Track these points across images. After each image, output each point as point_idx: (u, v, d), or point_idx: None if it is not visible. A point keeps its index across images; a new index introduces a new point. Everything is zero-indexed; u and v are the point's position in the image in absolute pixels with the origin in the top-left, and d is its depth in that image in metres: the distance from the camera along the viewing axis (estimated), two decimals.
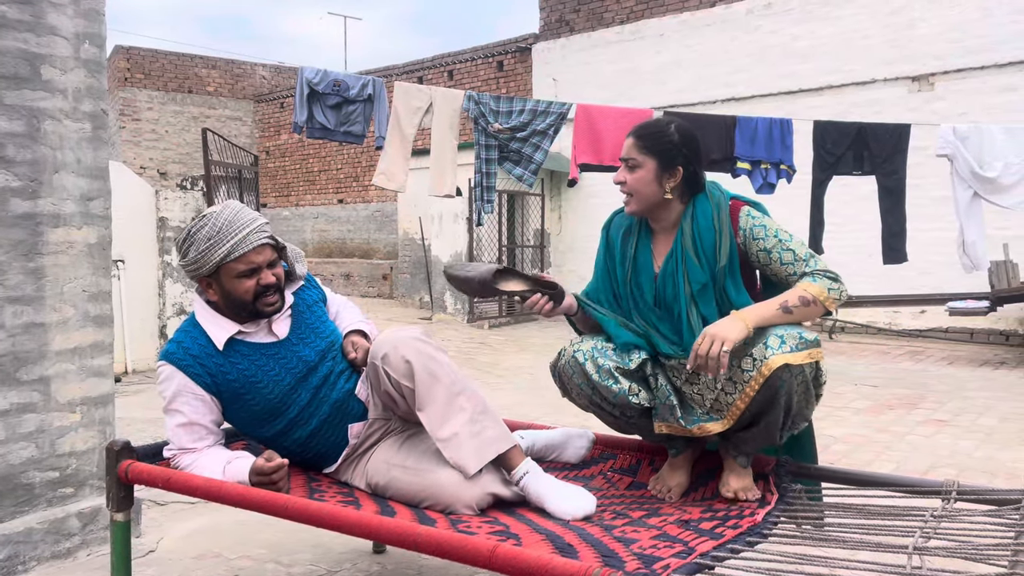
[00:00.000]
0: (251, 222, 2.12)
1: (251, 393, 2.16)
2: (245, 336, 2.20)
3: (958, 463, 4.12)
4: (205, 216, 2.13)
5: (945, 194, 8.45)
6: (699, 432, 2.11)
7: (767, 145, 5.86)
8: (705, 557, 1.65)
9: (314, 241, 17.99)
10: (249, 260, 2.09)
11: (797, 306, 2.04)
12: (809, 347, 1.98)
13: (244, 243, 2.08)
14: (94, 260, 2.96)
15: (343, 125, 5.84)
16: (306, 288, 2.39)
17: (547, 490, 1.98)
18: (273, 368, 2.18)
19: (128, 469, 2.08)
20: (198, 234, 2.10)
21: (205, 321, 2.18)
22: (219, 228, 2.08)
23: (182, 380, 2.13)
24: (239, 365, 2.15)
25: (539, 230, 12.60)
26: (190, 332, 2.19)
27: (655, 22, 11.68)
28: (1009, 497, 1.94)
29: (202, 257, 2.10)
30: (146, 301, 6.97)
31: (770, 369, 1.96)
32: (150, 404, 5.56)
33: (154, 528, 3.13)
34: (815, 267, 2.09)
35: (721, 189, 2.25)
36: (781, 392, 1.98)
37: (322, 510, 1.76)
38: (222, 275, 2.11)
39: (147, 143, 17.92)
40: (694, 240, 2.17)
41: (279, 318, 2.25)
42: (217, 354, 2.14)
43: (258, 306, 2.13)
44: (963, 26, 9.16)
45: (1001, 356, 8.19)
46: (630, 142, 2.22)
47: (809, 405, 2.07)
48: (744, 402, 2.03)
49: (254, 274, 2.11)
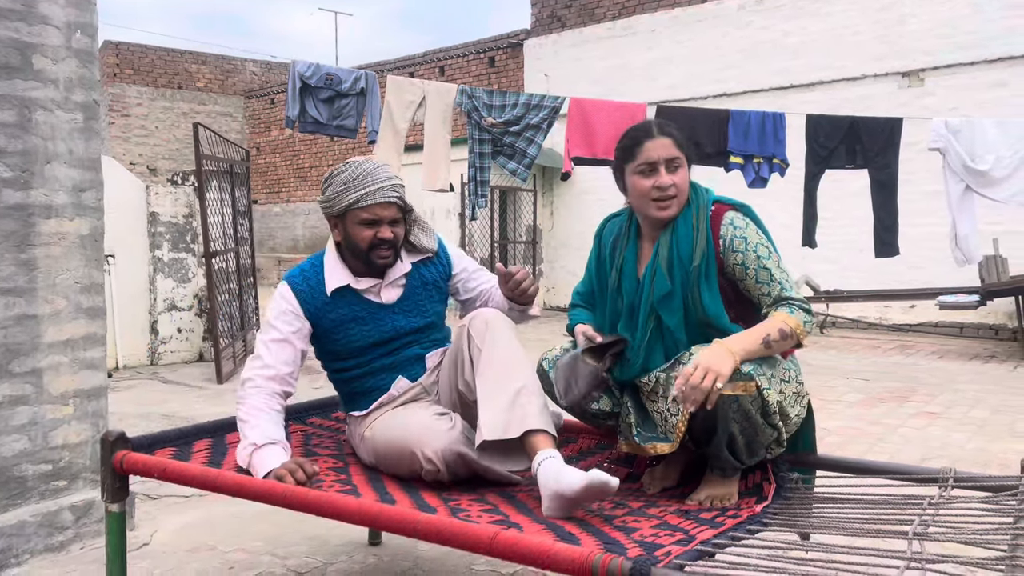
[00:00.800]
0: (385, 179, 2.27)
1: (339, 335, 2.33)
2: (355, 288, 2.33)
3: (950, 455, 4.14)
4: (349, 163, 2.31)
5: (935, 189, 8.49)
6: (652, 451, 2.09)
7: (760, 139, 5.87)
8: (706, 544, 1.64)
9: (305, 237, 17.93)
10: (373, 211, 2.24)
11: (776, 340, 1.98)
12: (741, 379, 1.92)
13: (373, 195, 2.23)
14: (86, 252, 2.94)
15: (336, 119, 5.81)
16: (431, 263, 2.46)
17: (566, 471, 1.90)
18: (367, 326, 2.33)
19: (123, 460, 2.06)
20: (338, 177, 2.28)
21: (328, 263, 2.35)
22: (356, 176, 2.25)
23: (292, 301, 2.30)
24: (340, 311, 2.31)
25: (531, 226, 12.60)
26: (315, 265, 2.36)
27: (646, 18, 11.68)
28: (1006, 484, 1.95)
29: (335, 198, 2.27)
30: (136, 297, 6.93)
31: None
32: (142, 399, 5.54)
33: (148, 521, 3.11)
34: (790, 294, 2.04)
35: (702, 191, 2.19)
36: (718, 420, 1.95)
37: (320, 498, 1.74)
38: (348, 219, 2.27)
39: (136, 139, 17.81)
40: (671, 247, 2.12)
41: (390, 285, 2.36)
42: (324, 295, 2.31)
43: (371, 256, 2.28)
44: (953, 22, 9.20)
45: (991, 350, 8.24)
46: (667, 142, 2.11)
47: (760, 435, 2.00)
48: (683, 423, 2.00)
49: (374, 225, 2.25)
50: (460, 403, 2.30)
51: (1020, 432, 4.70)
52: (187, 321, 7.23)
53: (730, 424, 1.96)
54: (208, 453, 2.24)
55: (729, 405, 1.94)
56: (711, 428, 1.99)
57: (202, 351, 7.28)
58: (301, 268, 2.38)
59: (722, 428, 1.97)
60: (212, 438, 2.36)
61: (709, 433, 2.00)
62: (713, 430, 1.99)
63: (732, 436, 1.98)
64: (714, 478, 2.09)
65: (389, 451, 2.19)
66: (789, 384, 2.03)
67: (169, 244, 7.11)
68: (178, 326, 7.18)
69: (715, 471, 2.08)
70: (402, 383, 2.35)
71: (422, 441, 2.09)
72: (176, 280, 7.15)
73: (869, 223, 6.39)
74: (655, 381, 2.12)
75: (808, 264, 8.82)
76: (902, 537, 1.66)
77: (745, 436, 1.99)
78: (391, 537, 2.88)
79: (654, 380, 2.12)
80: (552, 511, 1.88)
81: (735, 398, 1.93)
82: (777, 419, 2.00)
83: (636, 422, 2.15)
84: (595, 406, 2.20)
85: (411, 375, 2.37)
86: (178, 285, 7.17)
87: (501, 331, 2.20)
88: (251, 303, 7.80)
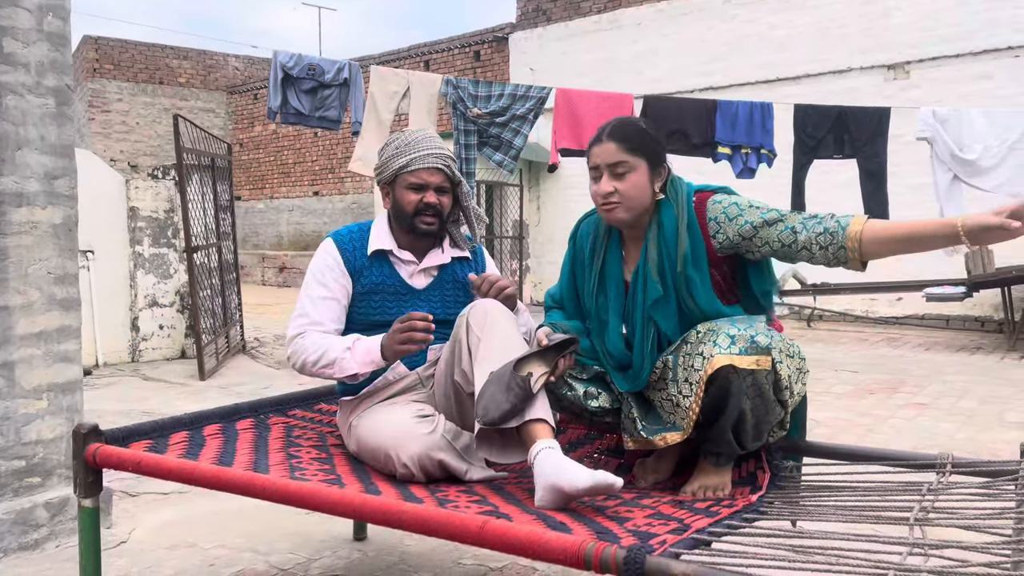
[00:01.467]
0: (435, 148, 2.32)
1: (363, 304, 2.33)
2: (394, 260, 2.36)
3: (940, 444, 4.11)
4: (403, 131, 2.39)
5: (921, 181, 8.51)
6: (661, 443, 2.02)
7: (748, 130, 5.84)
8: (702, 533, 1.59)
9: (289, 234, 17.79)
10: (420, 176, 2.29)
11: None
12: (758, 353, 1.86)
13: (421, 160, 2.29)
14: (60, 241, 2.85)
15: (318, 110, 5.73)
16: (468, 265, 2.46)
17: (568, 464, 1.84)
18: (391, 302, 2.33)
19: (96, 453, 1.98)
20: (391, 144, 2.35)
21: (375, 228, 2.40)
22: (407, 142, 2.31)
23: (337, 257, 2.33)
24: (374, 277, 2.34)
25: (518, 221, 12.54)
26: (362, 229, 2.41)
27: (632, 11, 11.64)
28: (1005, 468, 1.91)
29: (387, 163, 2.33)
30: (117, 292, 6.82)
31: (713, 368, 1.87)
32: (122, 396, 5.44)
33: (126, 519, 3.03)
34: (816, 213, 2.01)
35: (682, 186, 2.13)
36: (730, 394, 1.88)
37: (303, 489, 1.67)
38: (397, 183, 2.32)
39: (117, 135, 17.61)
40: (659, 247, 2.06)
41: (424, 272, 2.37)
42: (365, 257, 2.35)
43: (415, 221, 2.30)
44: (937, 14, 9.22)
45: (977, 341, 8.26)
46: (611, 147, 2.05)
47: (769, 413, 1.95)
48: (697, 404, 1.93)
49: (421, 190, 2.29)
50: (455, 394, 2.25)
51: (1009, 421, 4.68)
52: (169, 317, 7.12)
53: (742, 400, 1.89)
54: (185, 446, 2.17)
55: (743, 379, 1.87)
56: (721, 406, 1.92)
57: (184, 348, 7.17)
58: (348, 228, 2.43)
59: (733, 405, 1.90)
60: (189, 431, 2.28)
61: (718, 412, 1.94)
62: (723, 408, 1.92)
63: (742, 414, 1.92)
64: (707, 467, 2.03)
65: (369, 449, 2.17)
66: (794, 359, 1.98)
67: (150, 239, 6.99)
68: (160, 323, 7.07)
69: (708, 459, 2.02)
70: (399, 368, 2.31)
71: (398, 444, 2.06)
72: (157, 276, 7.04)
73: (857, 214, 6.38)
74: (662, 367, 2.06)
75: None
76: (903, 523, 1.62)
77: (755, 415, 1.93)
78: (376, 532, 2.81)
79: (661, 366, 2.06)
80: (546, 503, 1.82)
81: (750, 372, 1.87)
82: (787, 395, 1.95)
83: (640, 416, 2.08)
84: (594, 403, 2.12)
85: (411, 362, 2.32)
86: (159, 281, 7.06)
87: (501, 321, 2.15)
88: (234, 299, 7.69)
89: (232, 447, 2.20)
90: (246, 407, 2.51)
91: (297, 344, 2.26)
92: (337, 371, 2.21)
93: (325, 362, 2.21)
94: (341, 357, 2.20)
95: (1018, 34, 8.73)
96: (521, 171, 12.41)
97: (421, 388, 2.33)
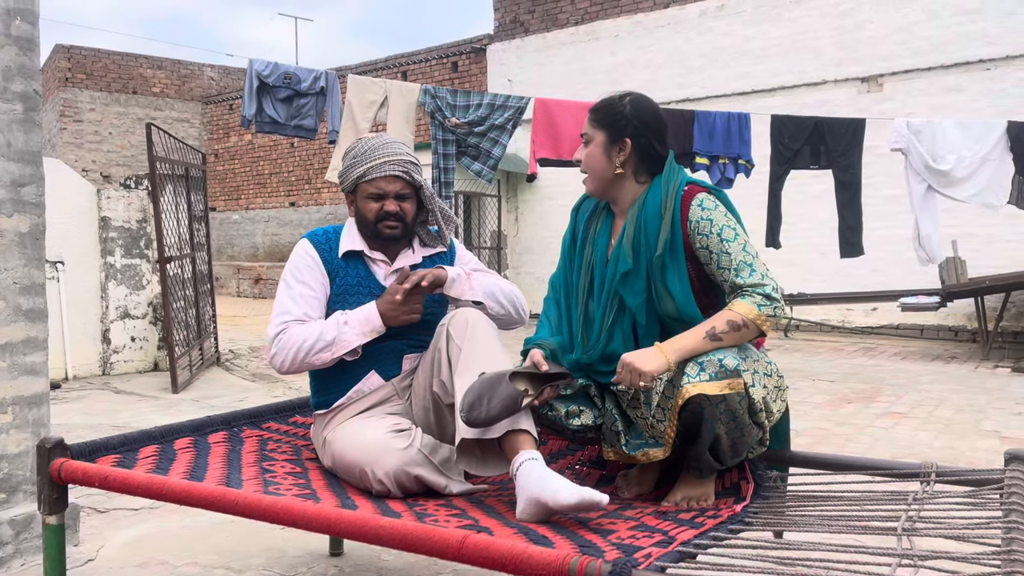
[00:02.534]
0: (392, 154, 2.29)
1: (339, 305, 2.28)
2: (368, 262, 2.34)
3: (918, 453, 4.12)
4: (362, 138, 2.37)
5: (894, 193, 8.60)
6: (643, 458, 2.01)
7: (725, 140, 5.86)
8: (687, 545, 1.56)
9: (265, 245, 17.62)
10: (378, 185, 2.28)
11: (726, 331, 1.89)
12: (728, 376, 1.84)
13: (377, 169, 2.27)
14: (26, 250, 2.77)
15: (294, 119, 5.67)
16: (441, 260, 2.42)
17: (552, 477, 1.79)
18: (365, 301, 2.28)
19: (61, 468, 1.91)
20: (350, 152, 2.34)
21: (346, 230, 2.38)
22: (364, 151, 2.30)
23: (315, 255, 2.31)
24: (348, 278, 2.31)
25: (496, 232, 12.52)
26: (337, 230, 2.40)
27: (609, 23, 11.70)
28: (990, 477, 1.89)
29: (347, 171, 2.32)
30: (87, 304, 6.69)
31: (683, 398, 1.85)
32: (91, 410, 5.32)
33: (94, 536, 2.94)
34: (749, 280, 1.93)
35: (678, 173, 2.12)
36: (703, 420, 1.87)
37: (277, 504, 1.62)
38: (358, 192, 2.31)
39: (89, 145, 17.37)
40: (637, 227, 2.05)
41: (395, 274, 2.33)
42: (337, 259, 2.33)
43: (379, 227, 2.29)
44: (909, 28, 9.34)
45: (951, 351, 8.33)
46: (586, 118, 2.16)
47: (745, 435, 1.93)
48: (672, 429, 1.93)
49: (381, 199, 2.28)
50: (434, 405, 2.21)
51: (986, 430, 4.71)
52: (141, 329, 7.00)
53: (716, 426, 1.88)
54: (155, 460, 2.10)
55: (716, 406, 1.85)
56: (695, 431, 1.90)
57: (157, 360, 7.05)
58: (323, 230, 2.40)
59: (707, 430, 1.88)
60: (160, 444, 2.21)
61: (693, 436, 1.92)
62: (697, 433, 1.90)
63: (717, 437, 1.90)
64: (690, 479, 2.00)
65: (344, 465, 2.11)
66: (771, 378, 1.96)
67: (122, 250, 6.88)
68: (131, 335, 6.94)
69: (691, 471, 2.00)
70: (374, 379, 2.26)
71: (373, 460, 2.01)
72: (129, 287, 6.92)
73: (831, 226, 6.43)
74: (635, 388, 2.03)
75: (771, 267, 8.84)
76: (890, 533, 1.60)
77: (730, 437, 1.91)
78: (353, 547, 2.75)
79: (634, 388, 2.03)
80: (528, 516, 1.78)
81: (722, 398, 1.84)
82: (763, 416, 1.93)
83: (623, 430, 2.05)
84: (576, 422, 2.07)
85: (385, 372, 2.27)
86: (132, 292, 6.94)
87: (482, 331, 2.11)
88: (208, 310, 7.58)
89: (204, 461, 2.14)
90: (219, 420, 2.44)
91: (282, 339, 2.20)
92: (338, 348, 2.18)
93: (322, 344, 2.17)
94: (340, 333, 2.18)
95: (989, 47, 8.87)
96: (499, 182, 12.39)
97: (396, 400, 2.28)
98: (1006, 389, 6.04)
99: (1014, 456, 1.89)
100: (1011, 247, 8.67)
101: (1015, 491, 1.69)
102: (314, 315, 2.25)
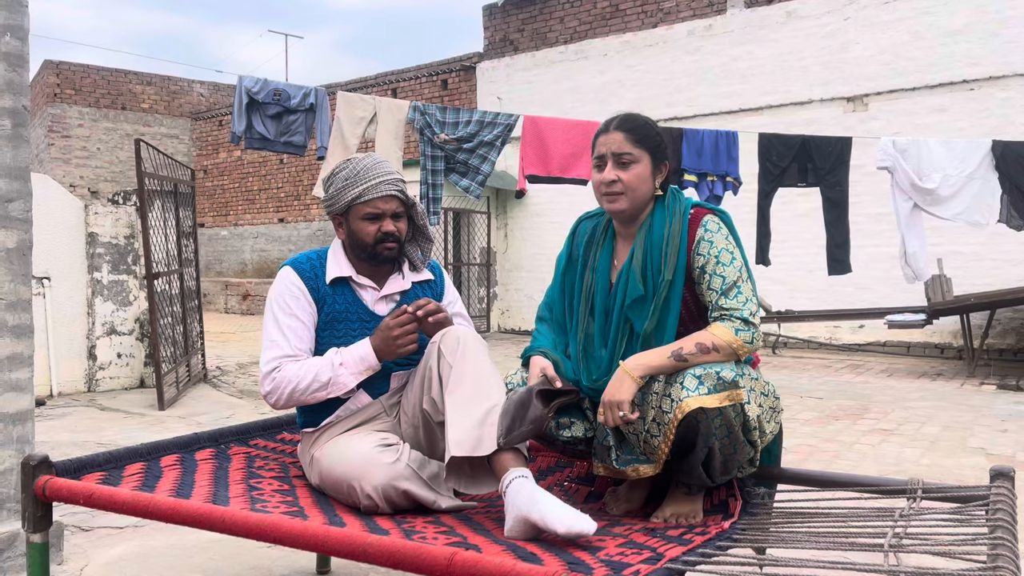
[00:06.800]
0: (386, 174, 2.25)
1: (326, 333, 2.26)
2: (356, 288, 2.30)
3: (905, 470, 4.14)
4: (350, 160, 2.30)
5: (880, 211, 8.68)
6: (634, 474, 2.02)
7: (713, 157, 5.90)
8: (676, 562, 1.56)
9: (254, 261, 17.57)
10: (375, 205, 2.23)
11: (693, 354, 1.90)
12: (726, 388, 1.86)
13: (374, 189, 2.23)
14: (13, 266, 2.76)
15: (283, 135, 5.67)
16: (428, 287, 2.42)
17: (542, 497, 1.79)
18: (354, 330, 2.27)
19: (46, 486, 1.90)
20: (339, 175, 2.28)
21: (331, 256, 2.33)
22: (357, 172, 2.24)
23: (299, 283, 2.26)
24: (336, 305, 2.27)
25: (485, 248, 12.53)
26: (320, 255, 2.35)
27: (598, 42, 11.79)
28: (976, 494, 1.90)
29: (338, 195, 2.26)
30: (73, 320, 6.64)
31: (683, 412, 1.86)
32: (77, 427, 5.27)
33: (78, 555, 2.91)
34: (730, 305, 1.96)
35: (681, 198, 2.15)
36: (699, 434, 1.88)
37: (263, 522, 1.61)
38: (351, 215, 2.26)
39: (78, 160, 17.31)
40: (645, 251, 2.07)
41: (385, 299, 2.32)
42: (325, 284, 2.28)
43: (377, 249, 2.25)
44: (895, 49, 9.46)
45: (938, 368, 8.38)
46: (619, 137, 2.07)
47: (738, 452, 1.95)
48: (666, 445, 1.93)
49: (377, 220, 2.24)
50: (424, 423, 2.20)
51: (972, 447, 4.73)
52: (128, 346, 6.96)
53: (711, 439, 1.89)
54: (141, 477, 2.08)
55: (712, 419, 1.86)
56: (690, 444, 1.91)
57: (143, 377, 7.00)
58: (306, 255, 2.35)
59: (702, 443, 1.89)
60: (146, 461, 2.19)
61: (687, 450, 1.92)
62: (692, 445, 1.91)
63: (711, 451, 1.91)
64: (679, 495, 2.01)
65: (331, 481, 2.10)
66: (767, 398, 1.98)
67: (109, 266, 6.84)
68: (118, 351, 6.90)
69: (680, 488, 2.00)
70: (362, 398, 2.25)
71: (361, 475, 2.00)
72: (116, 303, 6.88)
73: (818, 244, 6.48)
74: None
75: (760, 284, 8.91)
76: (877, 550, 1.60)
77: (723, 453, 1.92)
78: (340, 565, 2.73)
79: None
80: (516, 534, 1.78)
81: (719, 411, 1.86)
82: (756, 435, 1.94)
83: (614, 445, 2.05)
84: (567, 433, 2.10)
85: (373, 391, 2.26)
86: (118, 308, 6.89)
87: (473, 349, 2.11)
88: (195, 327, 7.54)
89: (191, 478, 2.12)
90: (206, 436, 2.43)
91: (276, 379, 2.18)
92: (334, 389, 2.16)
93: (317, 385, 2.16)
94: (336, 375, 2.15)
95: (972, 68, 8.99)
96: (489, 199, 12.43)
97: (385, 417, 2.28)
98: (992, 406, 6.08)
99: (999, 473, 1.91)
100: (996, 265, 8.76)
101: (1000, 508, 1.70)
102: (304, 347, 2.22)
